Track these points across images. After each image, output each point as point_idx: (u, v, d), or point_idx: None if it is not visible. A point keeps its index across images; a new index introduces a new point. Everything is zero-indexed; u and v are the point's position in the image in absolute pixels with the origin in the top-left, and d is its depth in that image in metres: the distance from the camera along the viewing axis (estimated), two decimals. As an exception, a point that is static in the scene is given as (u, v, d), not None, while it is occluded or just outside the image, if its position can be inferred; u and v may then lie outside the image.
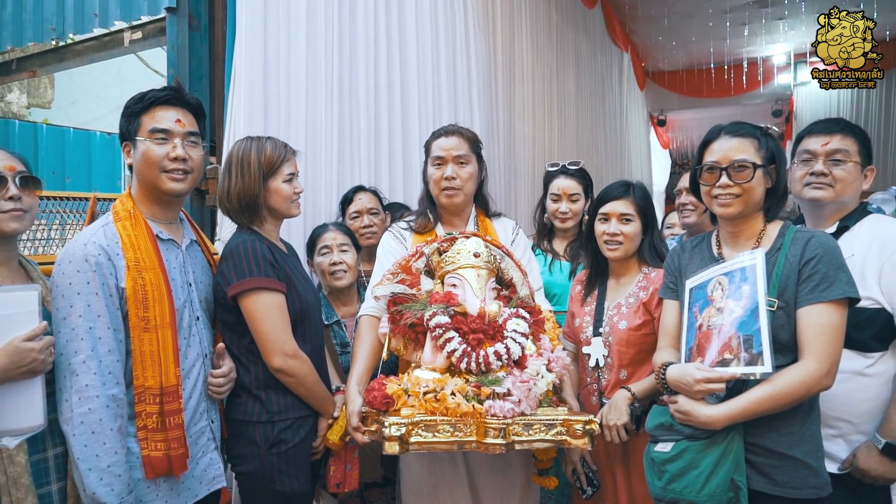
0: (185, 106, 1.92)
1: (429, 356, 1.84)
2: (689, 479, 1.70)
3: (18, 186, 1.76)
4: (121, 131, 1.90)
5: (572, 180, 2.94)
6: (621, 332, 2.21)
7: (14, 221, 1.75)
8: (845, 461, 1.94)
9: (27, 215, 1.79)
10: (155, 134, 1.84)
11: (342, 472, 2.22)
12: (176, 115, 1.88)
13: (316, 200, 3.12)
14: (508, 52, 5.16)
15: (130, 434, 1.76)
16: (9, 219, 1.74)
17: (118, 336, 1.73)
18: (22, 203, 1.76)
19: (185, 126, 1.89)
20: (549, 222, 3.03)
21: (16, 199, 1.74)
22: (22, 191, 1.76)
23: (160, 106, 1.87)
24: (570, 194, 2.92)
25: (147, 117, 1.85)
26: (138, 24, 3.49)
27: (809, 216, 2.21)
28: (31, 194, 1.80)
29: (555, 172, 3.00)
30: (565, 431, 1.76)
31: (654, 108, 12.64)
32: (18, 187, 1.75)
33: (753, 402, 1.65)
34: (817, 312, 1.67)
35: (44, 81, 6.61)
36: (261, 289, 1.95)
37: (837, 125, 2.11)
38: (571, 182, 2.94)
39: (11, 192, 1.74)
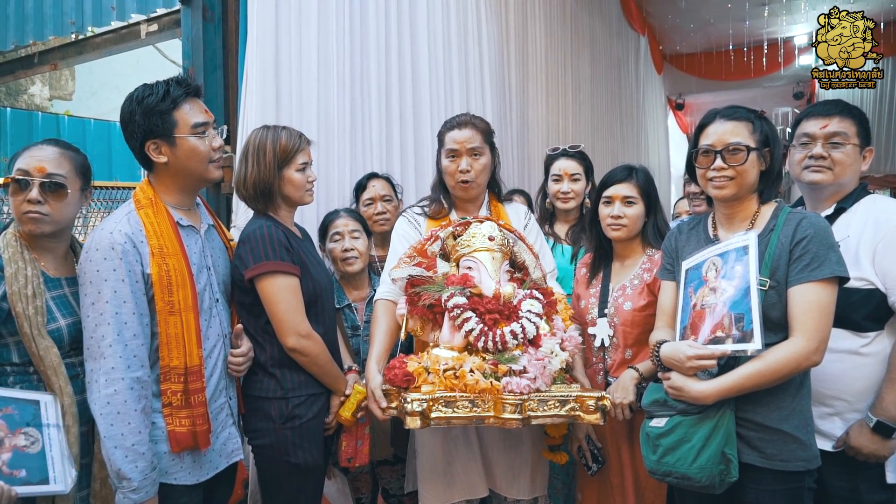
0: (199, 94, 1.99)
1: (447, 336, 1.90)
2: (681, 453, 1.76)
3: (41, 191, 1.81)
4: (145, 129, 1.87)
5: (573, 161, 2.99)
6: (626, 313, 2.26)
7: (31, 224, 1.81)
8: (839, 439, 1.97)
9: (47, 219, 1.83)
10: (197, 129, 1.90)
11: (353, 447, 2.29)
12: (201, 106, 1.95)
13: (329, 187, 3.18)
14: (521, 37, 5.14)
15: (157, 410, 1.84)
16: (27, 221, 1.81)
17: (143, 320, 1.80)
18: (41, 207, 1.81)
19: (211, 115, 1.97)
20: (552, 207, 3.08)
21: (34, 203, 1.80)
22: (45, 195, 1.81)
23: (186, 100, 1.91)
24: (572, 174, 2.97)
25: (180, 114, 1.88)
26: (154, 17, 3.58)
27: (808, 198, 2.22)
28: (56, 199, 1.84)
29: (555, 155, 3.05)
30: (578, 407, 1.82)
31: (672, 91, 12.48)
32: (41, 191, 1.81)
33: (743, 378, 1.71)
34: (807, 291, 1.71)
35: (65, 74, 6.74)
36: (276, 272, 2.03)
37: (836, 107, 2.10)
38: (572, 163, 2.98)
39: (31, 196, 1.80)
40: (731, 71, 11.21)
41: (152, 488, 1.76)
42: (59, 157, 1.88)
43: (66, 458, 1.75)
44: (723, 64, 11.18)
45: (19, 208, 1.81)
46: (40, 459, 1.70)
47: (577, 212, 3.03)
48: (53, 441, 1.74)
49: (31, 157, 1.84)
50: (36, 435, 1.72)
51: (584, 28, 6.77)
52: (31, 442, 1.71)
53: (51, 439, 1.73)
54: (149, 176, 1.98)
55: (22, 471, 1.67)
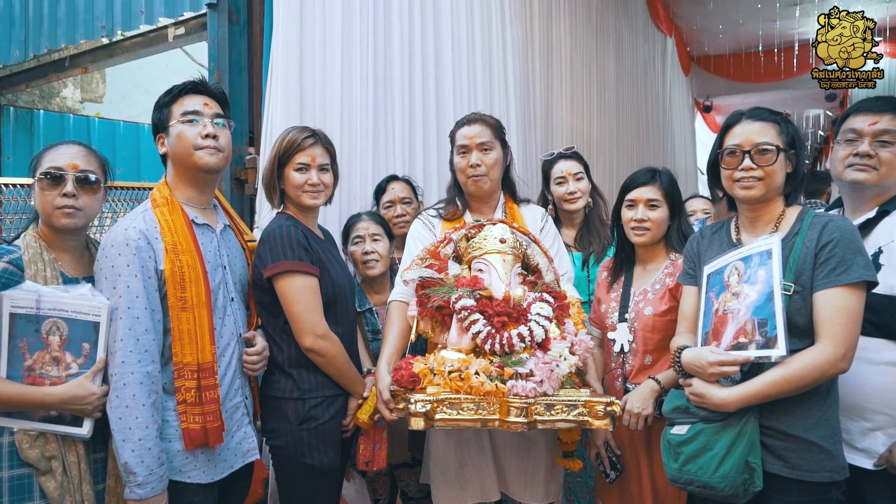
0: (210, 94, 2.03)
1: (454, 338, 1.89)
2: (704, 461, 1.72)
3: (76, 185, 1.86)
4: (154, 124, 2.01)
5: (572, 161, 2.98)
6: (646, 318, 2.23)
7: (66, 218, 1.85)
8: (881, 457, 1.85)
9: (80, 213, 1.87)
10: (186, 116, 1.95)
11: (371, 450, 2.29)
12: (203, 100, 1.99)
13: (351, 189, 3.19)
14: (546, 38, 5.11)
15: (171, 408, 1.86)
16: (61, 215, 1.85)
17: (155, 316, 1.83)
18: (76, 202, 1.85)
19: (213, 108, 2.00)
20: (554, 213, 3.04)
21: (70, 197, 1.84)
22: (78, 190, 1.86)
23: (187, 94, 1.99)
24: (574, 173, 2.95)
25: (176, 105, 1.97)
26: (181, 20, 3.64)
27: (849, 199, 2.11)
28: (88, 194, 1.89)
29: (553, 159, 3.04)
30: (587, 412, 1.79)
31: (699, 93, 12.30)
32: (76, 186, 1.86)
33: (767, 385, 1.66)
34: (834, 296, 1.66)
35: (96, 77, 6.86)
36: (294, 272, 2.04)
37: (888, 104, 1.99)
38: (572, 162, 2.97)
39: (67, 190, 1.84)
40: (761, 73, 10.97)
41: (159, 484, 1.76)
42: (88, 154, 1.94)
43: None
44: (752, 65, 10.96)
45: (53, 203, 1.83)
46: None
47: (582, 215, 3.00)
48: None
49: (62, 155, 1.88)
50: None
51: (609, 29, 6.72)
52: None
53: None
54: (167, 175, 2.03)
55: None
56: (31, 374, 1.77)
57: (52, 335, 1.79)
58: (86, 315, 1.79)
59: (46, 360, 1.78)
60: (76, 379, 1.77)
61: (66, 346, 1.79)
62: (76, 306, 1.79)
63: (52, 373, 1.78)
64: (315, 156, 2.18)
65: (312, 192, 2.18)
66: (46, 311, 1.77)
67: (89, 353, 1.81)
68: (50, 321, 1.78)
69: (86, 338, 1.80)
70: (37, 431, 1.76)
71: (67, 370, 1.79)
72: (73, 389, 1.75)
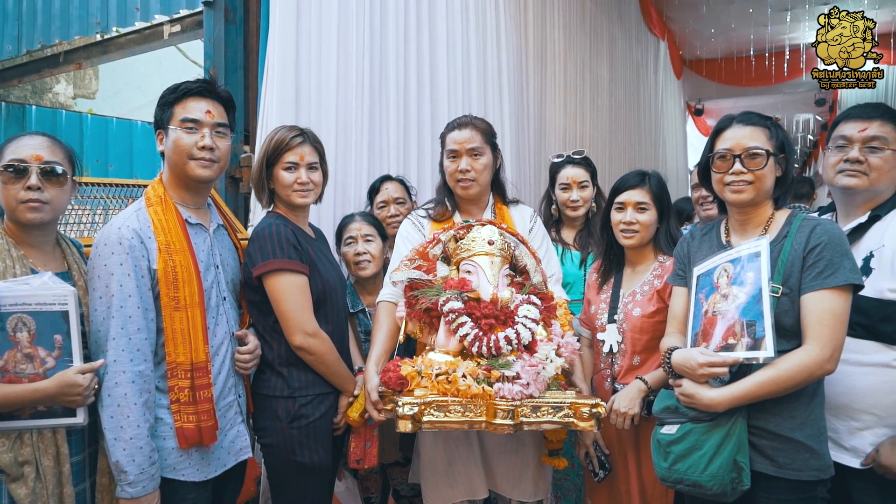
0: (216, 98, 2.00)
1: (442, 340, 1.91)
2: (693, 460, 1.74)
3: (41, 178, 1.77)
4: (155, 120, 1.98)
5: (579, 168, 2.98)
6: (635, 319, 2.25)
7: (32, 213, 1.76)
8: (868, 456, 1.89)
9: (46, 207, 1.78)
10: (185, 123, 1.92)
11: (362, 449, 2.29)
12: (206, 107, 1.96)
13: (346, 189, 3.19)
14: (540, 41, 5.13)
15: (165, 407, 1.86)
16: (26, 210, 1.76)
17: (148, 315, 1.82)
18: (42, 195, 1.76)
19: (215, 117, 1.96)
20: (557, 213, 3.07)
21: (34, 190, 1.75)
22: (44, 182, 1.77)
23: (192, 97, 1.95)
24: (579, 182, 2.96)
25: (179, 107, 1.94)
26: (177, 18, 3.62)
27: (841, 204, 2.14)
28: (55, 186, 1.80)
29: (561, 163, 3.04)
30: (572, 414, 1.81)
31: (691, 97, 12.38)
32: (40, 178, 1.77)
33: (755, 386, 1.69)
34: (821, 298, 1.69)
35: (89, 73, 6.84)
36: (283, 270, 2.04)
37: (877, 110, 2.03)
38: (579, 170, 2.98)
39: (31, 182, 1.75)
40: (752, 77, 11.06)
41: (150, 483, 1.76)
42: (53, 144, 1.84)
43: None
44: (743, 69, 11.04)
45: (16, 197, 1.75)
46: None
47: (584, 217, 3.03)
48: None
49: (24, 146, 1.79)
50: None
51: (603, 33, 6.74)
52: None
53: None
54: (162, 173, 2.02)
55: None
56: (6, 374, 1.68)
57: (20, 332, 1.70)
58: (51, 306, 1.71)
59: (19, 359, 1.70)
60: (63, 371, 1.71)
61: (36, 341, 1.71)
62: (40, 298, 1.70)
63: (28, 370, 1.70)
64: (304, 154, 2.18)
65: (302, 191, 2.18)
66: (8, 308, 1.68)
67: (63, 344, 1.73)
68: (14, 318, 1.69)
69: (56, 329, 1.72)
70: (28, 430, 1.70)
71: (44, 365, 1.71)
72: (63, 378, 1.69)
